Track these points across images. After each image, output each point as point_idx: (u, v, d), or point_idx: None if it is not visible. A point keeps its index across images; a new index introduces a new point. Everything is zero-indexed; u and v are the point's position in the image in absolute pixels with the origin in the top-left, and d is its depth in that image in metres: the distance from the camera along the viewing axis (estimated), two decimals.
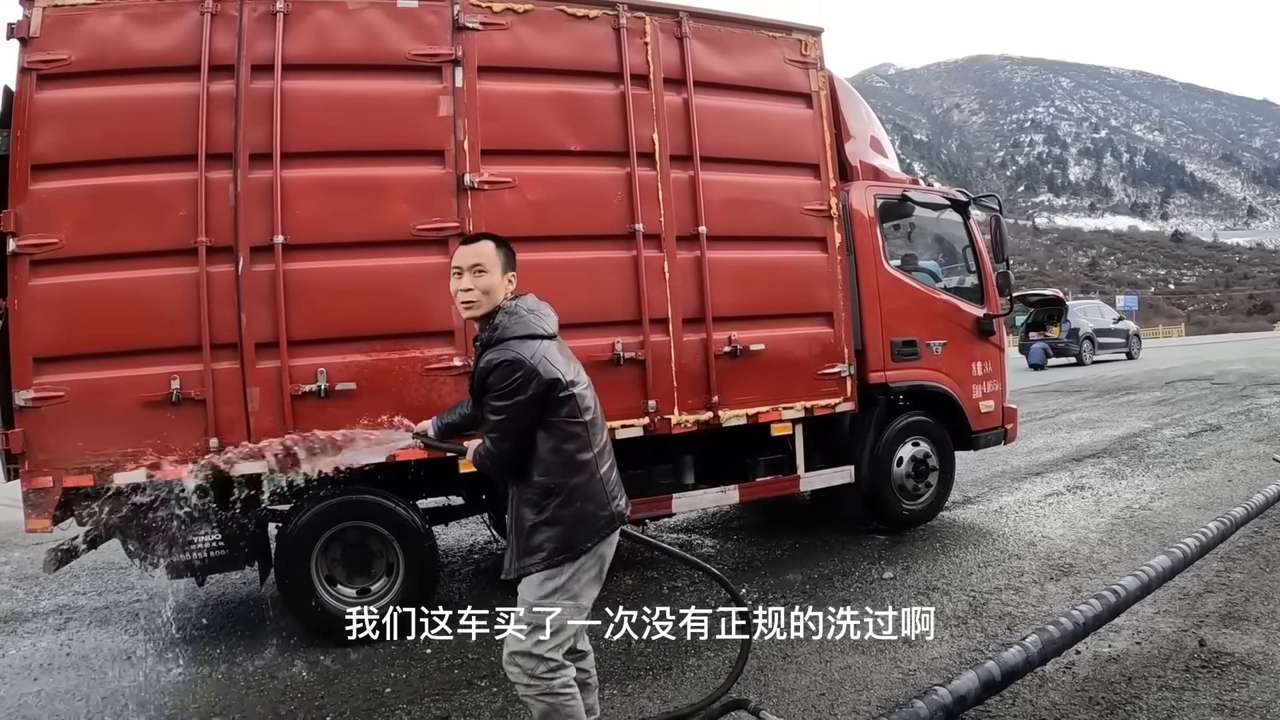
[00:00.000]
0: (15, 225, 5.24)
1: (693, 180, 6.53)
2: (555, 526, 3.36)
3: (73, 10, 5.43)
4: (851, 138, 7.70)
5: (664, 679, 4.93)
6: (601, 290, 6.26)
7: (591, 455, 3.43)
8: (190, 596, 7.12)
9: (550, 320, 3.53)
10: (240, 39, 5.62)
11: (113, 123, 5.46)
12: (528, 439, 3.37)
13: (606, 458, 3.53)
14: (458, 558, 7.92)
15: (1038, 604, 5.76)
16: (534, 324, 3.42)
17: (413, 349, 5.79)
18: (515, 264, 3.59)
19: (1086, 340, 30.58)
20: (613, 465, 3.58)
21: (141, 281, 5.45)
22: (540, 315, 3.49)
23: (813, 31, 7.21)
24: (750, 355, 6.65)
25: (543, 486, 3.37)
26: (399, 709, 4.79)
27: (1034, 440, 12.65)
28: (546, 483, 3.37)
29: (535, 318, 3.45)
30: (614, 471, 3.58)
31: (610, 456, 3.58)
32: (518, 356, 3.28)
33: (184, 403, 5.41)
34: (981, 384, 8.22)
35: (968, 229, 8.49)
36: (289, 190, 5.60)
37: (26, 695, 5.21)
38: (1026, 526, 7.81)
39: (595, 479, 3.43)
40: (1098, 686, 4.45)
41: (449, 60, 5.95)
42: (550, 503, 3.37)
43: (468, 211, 5.87)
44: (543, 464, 3.37)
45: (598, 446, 3.47)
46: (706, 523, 8.73)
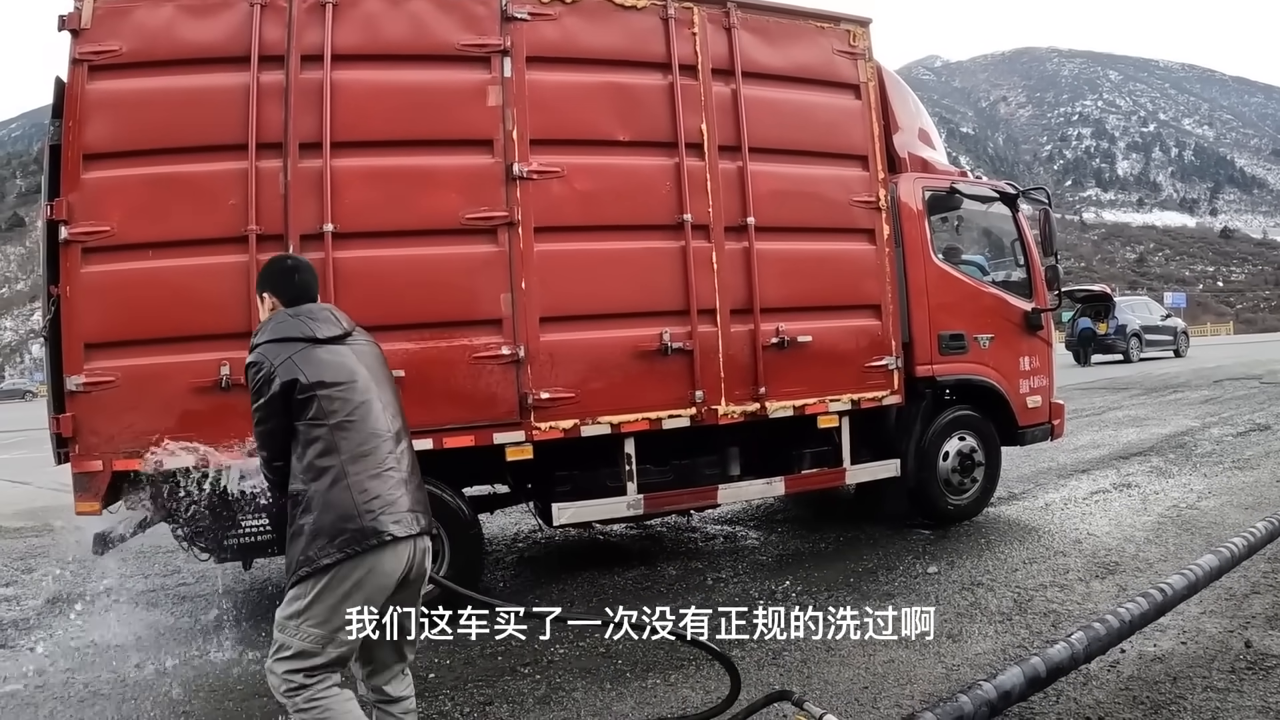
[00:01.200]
0: (67, 213, 5.34)
1: (741, 171, 6.51)
2: (299, 538, 3.17)
3: (123, 2, 5.52)
4: (900, 129, 7.63)
5: (707, 669, 4.90)
6: (649, 280, 6.27)
7: (337, 461, 3.19)
8: (236, 580, 7.22)
9: (318, 326, 3.37)
10: (290, 29, 5.68)
11: (163, 113, 5.54)
12: (282, 443, 3.30)
13: (365, 467, 3.23)
14: (501, 546, 7.98)
15: (1083, 602, 5.68)
16: (286, 329, 3.34)
17: (461, 337, 5.83)
18: (269, 284, 3.56)
19: (1134, 337, 30.14)
20: (382, 477, 3.25)
21: (192, 269, 5.52)
22: (302, 320, 3.37)
23: (861, 22, 7.17)
24: (798, 347, 6.62)
25: (293, 495, 3.24)
26: (442, 694, 4.82)
27: (1080, 437, 12.49)
28: (294, 490, 3.23)
29: (293, 323, 3.36)
30: (383, 485, 3.24)
31: (378, 467, 3.26)
32: (258, 359, 3.27)
33: (233, 389, 5.45)
34: (1029, 379, 8.12)
35: (1016, 222, 8.40)
36: (339, 179, 5.65)
37: (73, 676, 5.31)
38: (1072, 524, 7.70)
39: (339, 487, 3.17)
40: (1142, 686, 4.39)
41: (497, 50, 5.98)
42: (296, 512, 3.21)
43: (516, 201, 5.89)
44: (294, 471, 3.25)
45: (347, 453, 3.21)
46: (750, 515, 8.71)
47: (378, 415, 3.33)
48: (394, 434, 3.38)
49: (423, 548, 3.34)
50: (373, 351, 3.55)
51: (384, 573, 3.20)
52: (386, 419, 3.36)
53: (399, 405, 3.53)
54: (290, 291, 3.52)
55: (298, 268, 3.65)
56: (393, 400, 3.49)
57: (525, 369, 5.89)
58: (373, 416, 3.31)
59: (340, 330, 3.43)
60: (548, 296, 5.94)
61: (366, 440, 3.26)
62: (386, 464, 3.28)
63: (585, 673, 4.98)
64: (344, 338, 3.42)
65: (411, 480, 3.36)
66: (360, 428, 3.26)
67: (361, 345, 3.50)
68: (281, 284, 3.55)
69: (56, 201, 5.36)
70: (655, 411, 6.25)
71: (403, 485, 3.30)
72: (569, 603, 6.22)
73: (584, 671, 4.99)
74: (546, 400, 5.94)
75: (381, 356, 3.61)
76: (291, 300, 3.49)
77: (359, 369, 3.37)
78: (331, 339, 3.37)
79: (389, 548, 3.18)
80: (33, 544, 9.12)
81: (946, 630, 5.28)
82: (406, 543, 3.24)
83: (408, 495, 3.30)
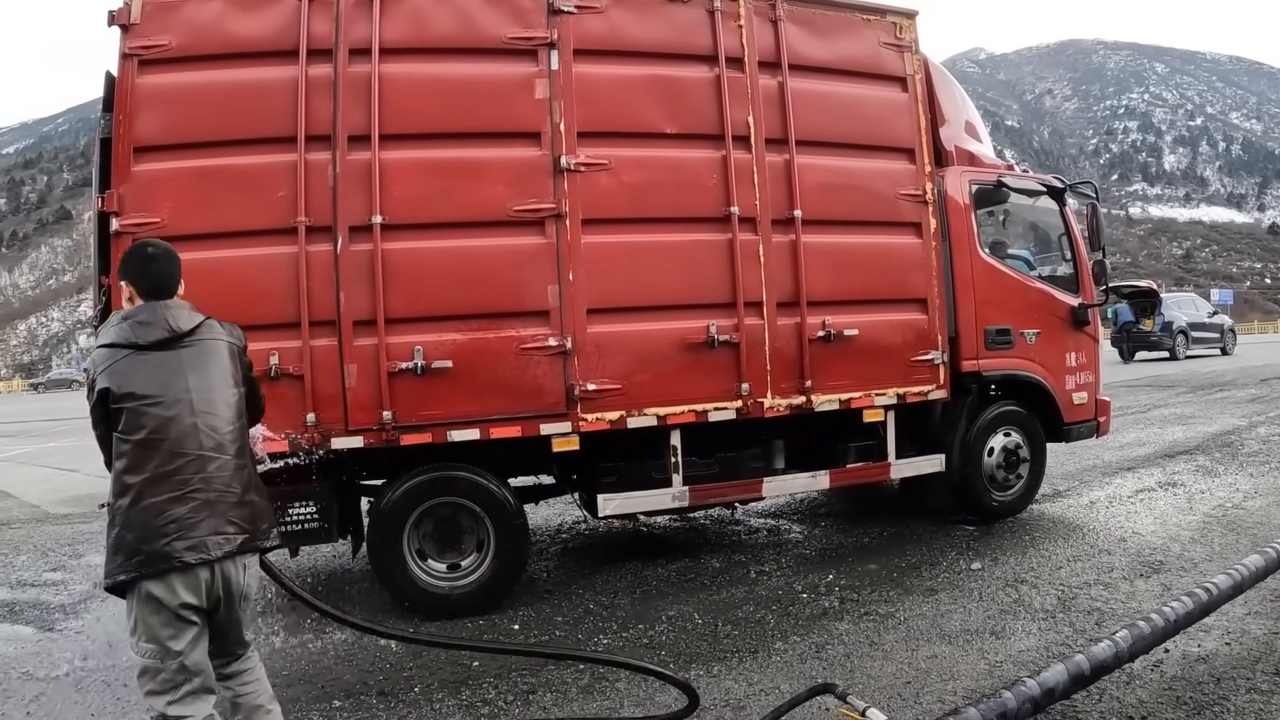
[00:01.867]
0: (118, 205, 5.44)
1: (788, 164, 6.49)
2: (108, 551, 3.15)
3: None
4: (946, 122, 7.59)
5: (750, 661, 4.95)
6: (697, 273, 6.27)
7: (138, 480, 3.11)
8: (283, 567, 7.31)
9: (144, 330, 3.25)
10: (338, 23, 5.74)
11: (213, 106, 5.63)
12: (108, 452, 3.25)
13: (166, 489, 3.12)
14: (546, 536, 8.04)
15: (1127, 600, 5.64)
16: (116, 334, 3.24)
17: (508, 328, 5.86)
18: (125, 274, 3.44)
19: (1180, 334, 29.75)
20: (184, 500, 3.13)
21: (241, 260, 5.61)
22: (131, 325, 3.27)
23: (907, 14, 7.11)
24: (844, 340, 6.59)
25: (109, 505, 3.19)
26: (486, 682, 4.87)
27: (1126, 435, 12.37)
28: (109, 500, 3.19)
29: (123, 328, 3.25)
30: (182, 508, 3.13)
31: (180, 489, 3.13)
32: (89, 363, 3.25)
33: (282, 378, 5.55)
34: (1075, 375, 8.05)
35: (1063, 216, 8.32)
36: (387, 171, 5.71)
37: (119, 661, 5.42)
38: (1117, 522, 7.63)
39: (138, 507, 3.09)
40: (1185, 686, 4.35)
41: (544, 43, 6.00)
42: (109, 524, 3.18)
43: (564, 193, 5.92)
44: (110, 481, 3.20)
45: (148, 472, 3.11)
46: (794, 508, 8.71)
47: (185, 433, 3.18)
48: (208, 450, 3.22)
49: (229, 571, 3.21)
50: (209, 353, 3.35)
51: (179, 595, 3.12)
52: (199, 436, 3.20)
53: (234, 412, 3.35)
54: (147, 282, 3.38)
55: (155, 257, 3.44)
56: (223, 409, 3.31)
57: (572, 360, 5.91)
58: (179, 434, 3.17)
59: (166, 334, 3.25)
60: (595, 288, 5.96)
61: (169, 460, 3.15)
62: (191, 485, 3.15)
63: None
64: (173, 341, 3.26)
65: (223, 500, 3.22)
66: (165, 446, 3.15)
67: (195, 348, 3.31)
68: (138, 274, 3.41)
69: (107, 194, 5.47)
70: (701, 404, 6.26)
71: (206, 508, 3.16)
72: (613, 593, 6.27)
73: None
74: (593, 392, 5.97)
75: (226, 357, 3.40)
76: (149, 292, 3.36)
77: (177, 380, 3.22)
78: (157, 344, 3.23)
79: (179, 573, 3.10)
80: (80, 530, 9.32)
81: (990, 627, 5.28)
82: (202, 568, 3.14)
83: (214, 518, 3.17)
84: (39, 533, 9.29)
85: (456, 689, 4.80)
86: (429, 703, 4.66)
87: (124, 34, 5.54)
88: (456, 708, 4.59)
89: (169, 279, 3.42)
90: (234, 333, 3.48)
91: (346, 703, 4.72)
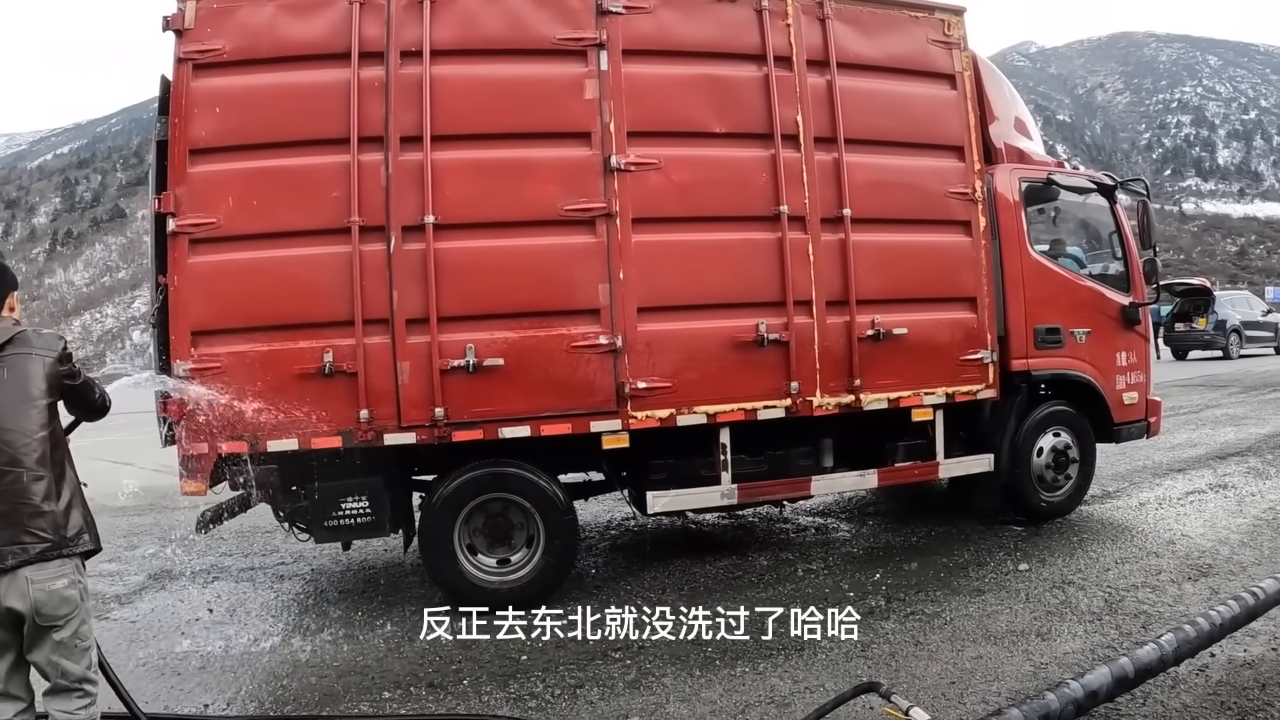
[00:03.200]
0: (175, 206, 5.57)
1: (837, 162, 6.49)
2: None
3: (226, 2, 5.74)
4: (996, 119, 7.54)
5: (795, 659, 4.98)
6: (746, 271, 6.29)
7: None
8: (335, 560, 7.46)
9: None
10: (389, 26, 5.83)
11: (266, 108, 5.75)
12: None
13: None
14: (596, 532, 8.10)
15: (1174, 604, 5.60)
16: None
17: (559, 326, 5.92)
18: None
19: (1234, 333, 29.13)
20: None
21: (296, 259, 5.73)
22: None
23: (956, 11, 7.07)
24: (893, 339, 6.58)
25: None
26: (534, 675, 4.94)
27: (1177, 435, 12.17)
28: None
29: None
30: None
31: None
32: None
33: (336, 375, 5.66)
34: (1125, 375, 7.96)
35: (1114, 214, 8.22)
36: (439, 172, 5.78)
37: (171, 650, 5.58)
38: (1166, 524, 7.55)
39: None
40: (1230, 691, 4.32)
41: (593, 44, 6.05)
42: None
43: (614, 192, 5.96)
44: None
45: None
46: (842, 507, 8.70)
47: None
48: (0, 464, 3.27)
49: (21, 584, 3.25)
50: (12, 367, 3.37)
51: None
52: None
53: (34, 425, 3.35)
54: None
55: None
56: (19, 422, 3.32)
57: (622, 358, 5.96)
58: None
59: None
60: (645, 287, 6.00)
61: None
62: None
63: (675, 659, 5.05)
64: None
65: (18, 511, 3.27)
66: None
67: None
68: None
69: (164, 195, 5.60)
70: (750, 402, 6.28)
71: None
72: (660, 590, 6.32)
73: (674, 658, 5.07)
74: (643, 390, 6.01)
75: (32, 369, 3.40)
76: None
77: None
78: None
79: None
80: (135, 522, 9.51)
81: (1036, 628, 5.27)
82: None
83: (7, 529, 3.24)
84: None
85: (504, 682, 4.87)
86: (477, 695, 4.75)
87: (178, 39, 5.66)
88: (504, 700, 4.66)
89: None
90: (48, 343, 3.48)
91: (396, 694, 4.82)
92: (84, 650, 3.47)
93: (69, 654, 3.40)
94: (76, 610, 3.42)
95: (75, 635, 3.42)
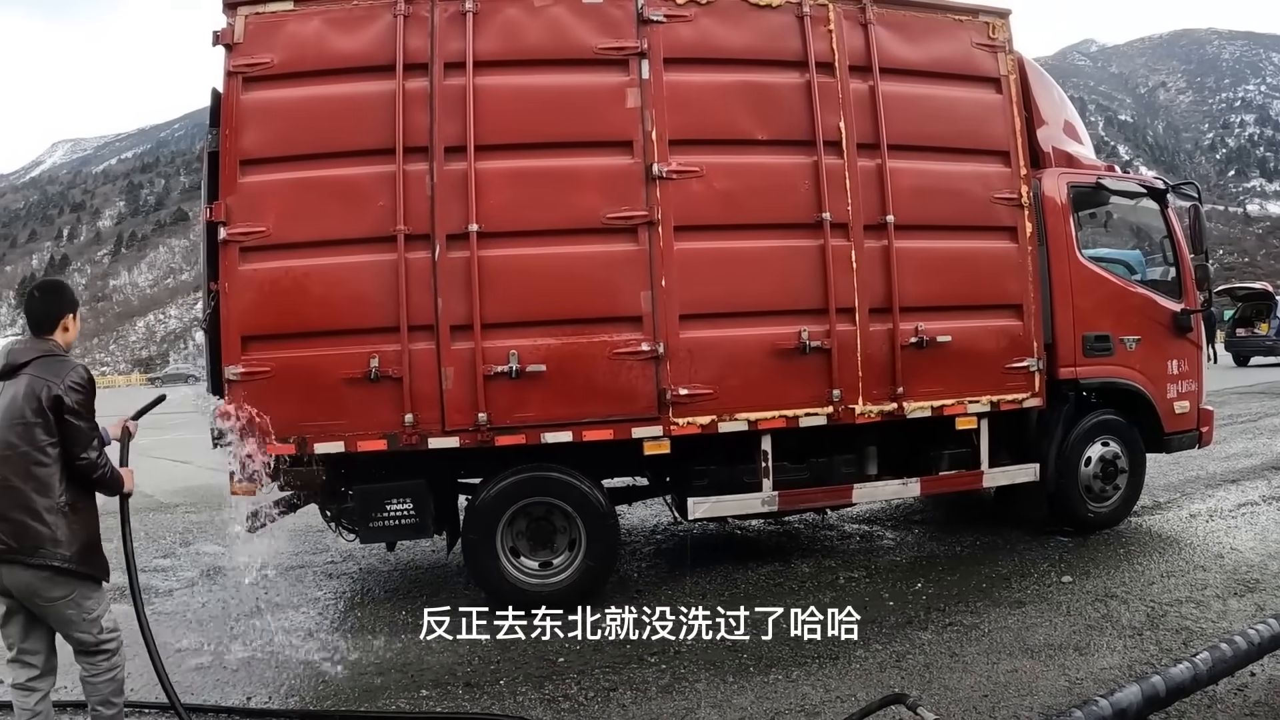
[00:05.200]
0: (226, 215, 5.74)
1: (880, 169, 6.46)
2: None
3: (273, 17, 5.89)
4: (1044, 123, 7.44)
5: (829, 667, 4.98)
6: (788, 279, 6.28)
7: None
8: (382, 560, 7.58)
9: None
10: (433, 38, 5.93)
11: (314, 120, 5.89)
12: None
13: None
14: (640, 537, 8.11)
15: (1218, 620, 5.48)
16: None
17: (601, 333, 5.97)
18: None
19: None
20: None
21: (343, 267, 5.85)
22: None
23: (1000, 14, 7.00)
24: (936, 347, 6.53)
25: None
26: (570, 678, 5.00)
27: (1232, 445, 11.90)
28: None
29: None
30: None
31: None
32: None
33: (382, 380, 5.76)
34: (1177, 383, 7.79)
35: (1165, 218, 8.04)
36: (483, 181, 5.87)
37: (223, 645, 5.71)
38: (1216, 537, 7.40)
39: None
40: (1269, 713, 4.24)
41: (635, 53, 6.09)
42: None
43: (656, 200, 6.00)
44: None
45: None
46: (887, 514, 8.65)
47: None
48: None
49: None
50: (16, 384, 3.75)
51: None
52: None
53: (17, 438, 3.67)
54: (26, 318, 3.97)
55: (33, 295, 4.01)
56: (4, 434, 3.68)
57: (664, 365, 5.99)
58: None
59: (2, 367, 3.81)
60: (687, 294, 6.03)
61: None
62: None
63: (709, 664, 5.08)
64: (4, 374, 3.80)
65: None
66: None
67: (12, 382, 3.76)
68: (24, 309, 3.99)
69: (215, 204, 5.77)
70: (792, 409, 6.27)
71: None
72: (702, 595, 6.31)
73: (708, 663, 5.09)
74: (685, 396, 6.03)
75: (29, 391, 3.72)
76: (27, 326, 3.95)
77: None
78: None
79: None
80: (190, 520, 9.78)
81: (1074, 642, 5.20)
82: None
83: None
84: (151, 521, 9.73)
85: (540, 683, 4.94)
86: (512, 695, 4.82)
87: (228, 53, 5.83)
88: (539, 701, 4.73)
89: (38, 317, 3.91)
90: (57, 372, 3.77)
91: (434, 692, 4.91)
92: (91, 622, 3.82)
93: (76, 628, 3.80)
94: (71, 594, 3.74)
95: (79, 611, 3.79)
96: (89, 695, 3.92)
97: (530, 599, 6.00)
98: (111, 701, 3.93)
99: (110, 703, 3.92)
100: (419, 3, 5.95)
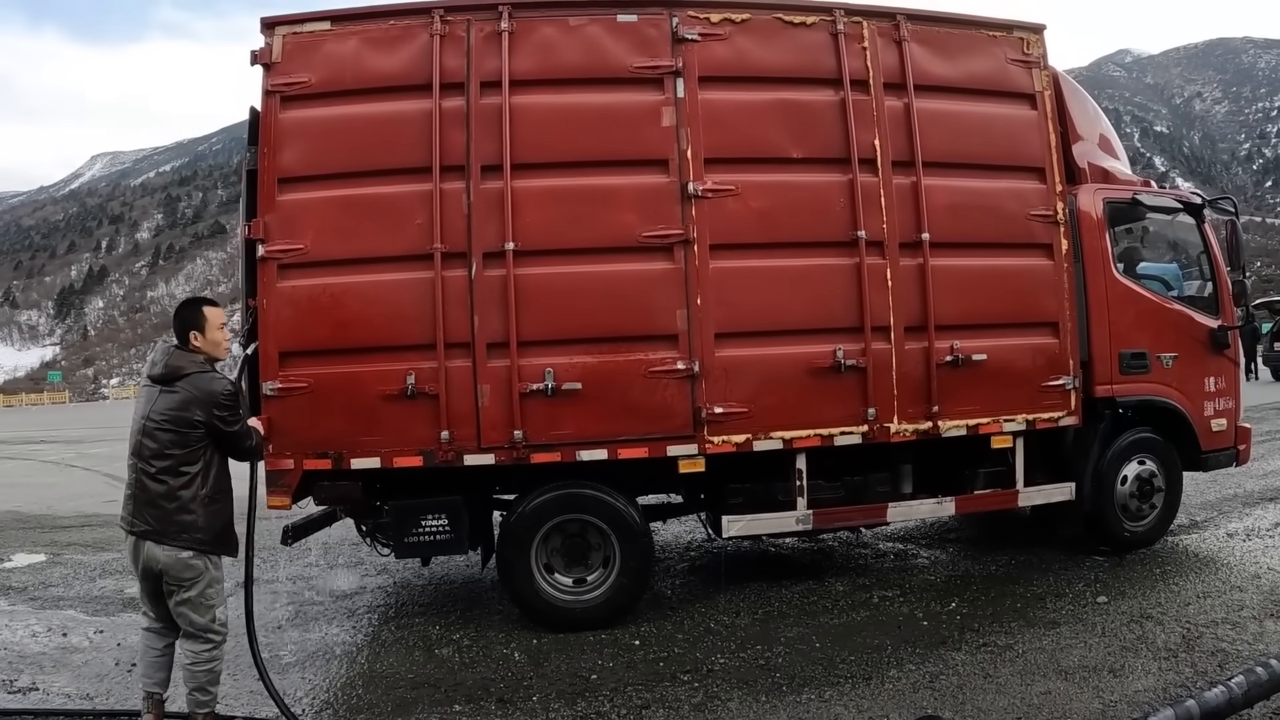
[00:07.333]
0: (264, 233, 5.83)
1: (915, 186, 6.44)
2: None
3: (311, 37, 5.98)
4: (1080, 139, 7.39)
5: (862, 688, 4.96)
6: (824, 297, 6.28)
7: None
8: (416, 574, 7.63)
9: (148, 366, 4.57)
10: (469, 58, 6.00)
11: (352, 138, 5.96)
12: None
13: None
14: (674, 554, 8.12)
15: (1254, 642, 5.40)
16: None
17: (637, 351, 6.00)
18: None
19: None
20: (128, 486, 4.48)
21: (380, 284, 5.92)
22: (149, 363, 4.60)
23: (1034, 29, 6.98)
24: (972, 365, 6.49)
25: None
26: (602, 695, 5.02)
27: (1271, 462, 11.72)
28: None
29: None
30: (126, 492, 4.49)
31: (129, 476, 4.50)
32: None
33: (418, 397, 5.82)
34: (1214, 400, 7.70)
35: (1202, 233, 7.95)
36: (519, 199, 5.92)
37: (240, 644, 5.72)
38: (1253, 557, 7.29)
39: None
40: None
41: (670, 72, 6.13)
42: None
43: (691, 219, 6.03)
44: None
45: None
46: (923, 533, 8.60)
47: (131, 444, 4.44)
48: (131, 458, 4.42)
49: (144, 547, 4.35)
50: (166, 392, 4.41)
51: (129, 552, 4.49)
52: (132, 444, 4.43)
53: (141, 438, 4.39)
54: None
55: (177, 310, 4.72)
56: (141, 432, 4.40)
57: (700, 384, 6.01)
58: (131, 444, 4.44)
59: (149, 372, 4.51)
60: (723, 313, 6.05)
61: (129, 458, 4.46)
62: (128, 478, 4.46)
63: (743, 683, 5.08)
64: (154, 380, 4.46)
65: (137, 497, 4.39)
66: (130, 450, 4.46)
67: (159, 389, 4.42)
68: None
69: (254, 221, 5.86)
70: (827, 428, 6.26)
71: (130, 500, 4.43)
72: (735, 613, 6.34)
73: (742, 682, 5.10)
74: (720, 415, 6.05)
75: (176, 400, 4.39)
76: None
77: (139, 405, 4.49)
78: (150, 379, 4.50)
79: (127, 536, 4.44)
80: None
81: (1109, 664, 5.15)
82: (130, 537, 4.40)
83: (129, 504, 4.42)
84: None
85: (573, 700, 4.96)
86: (545, 711, 4.84)
87: (266, 72, 5.93)
88: (572, 718, 4.76)
89: (177, 328, 4.59)
90: (200, 387, 4.43)
91: (467, 707, 4.95)
92: (208, 607, 4.45)
93: (195, 609, 4.42)
94: (200, 576, 4.40)
95: (201, 595, 4.42)
96: (187, 681, 4.43)
97: (564, 615, 6.06)
98: (207, 689, 4.44)
99: (206, 690, 4.44)
100: (455, 23, 6.02)
